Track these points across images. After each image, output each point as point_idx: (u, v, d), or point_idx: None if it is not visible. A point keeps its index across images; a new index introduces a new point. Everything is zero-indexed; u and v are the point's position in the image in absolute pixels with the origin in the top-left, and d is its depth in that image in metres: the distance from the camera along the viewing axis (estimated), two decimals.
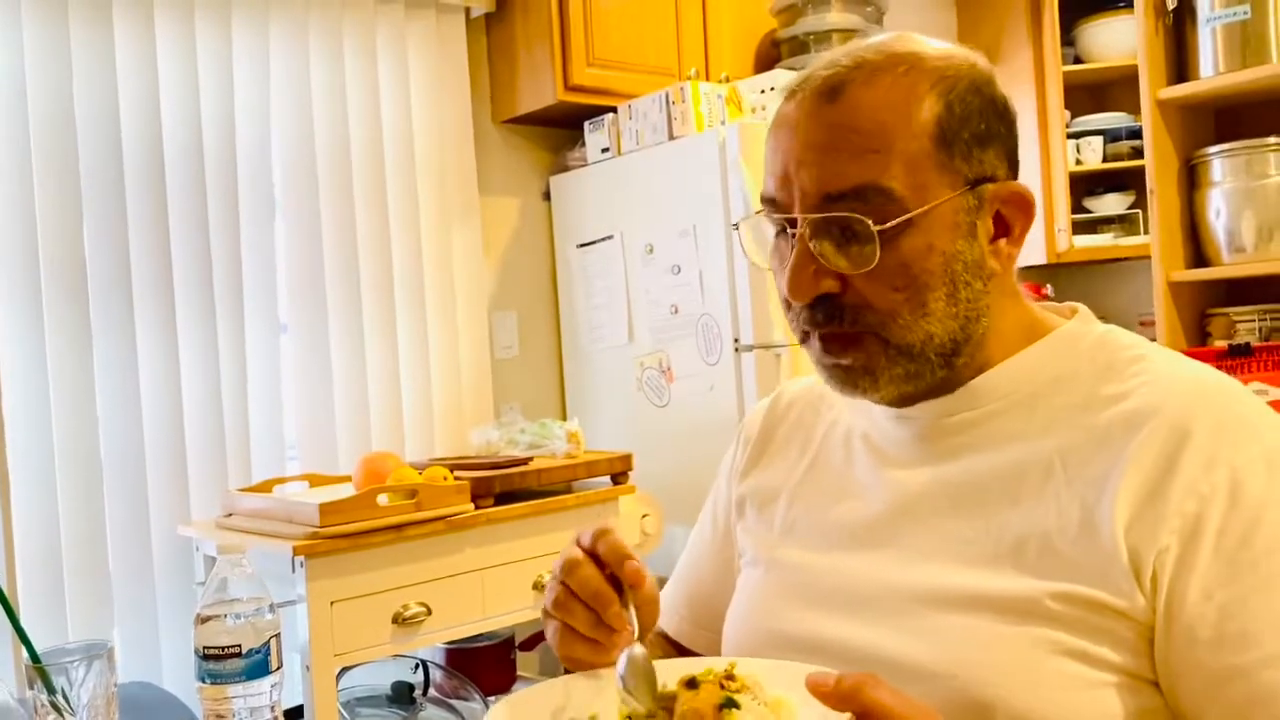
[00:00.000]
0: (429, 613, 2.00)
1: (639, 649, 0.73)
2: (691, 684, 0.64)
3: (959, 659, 0.74)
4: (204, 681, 1.05)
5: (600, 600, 0.76)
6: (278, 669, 1.07)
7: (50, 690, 1.10)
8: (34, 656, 1.09)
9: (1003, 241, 0.82)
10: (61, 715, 1.11)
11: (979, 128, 0.79)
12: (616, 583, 0.77)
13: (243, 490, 2.16)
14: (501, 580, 2.11)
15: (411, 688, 2.20)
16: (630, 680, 0.70)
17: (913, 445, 0.85)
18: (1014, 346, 0.84)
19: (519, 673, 2.43)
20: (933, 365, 0.80)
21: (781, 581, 0.87)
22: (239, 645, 1.04)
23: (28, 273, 2.08)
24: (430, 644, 2.15)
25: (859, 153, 0.76)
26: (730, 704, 0.62)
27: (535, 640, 2.51)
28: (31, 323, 2.08)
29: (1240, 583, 0.70)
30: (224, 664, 1.04)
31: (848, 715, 0.60)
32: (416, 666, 2.24)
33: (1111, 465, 0.74)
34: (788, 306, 0.82)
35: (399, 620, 1.97)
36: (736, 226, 0.86)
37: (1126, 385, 0.78)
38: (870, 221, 0.75)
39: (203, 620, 1.05)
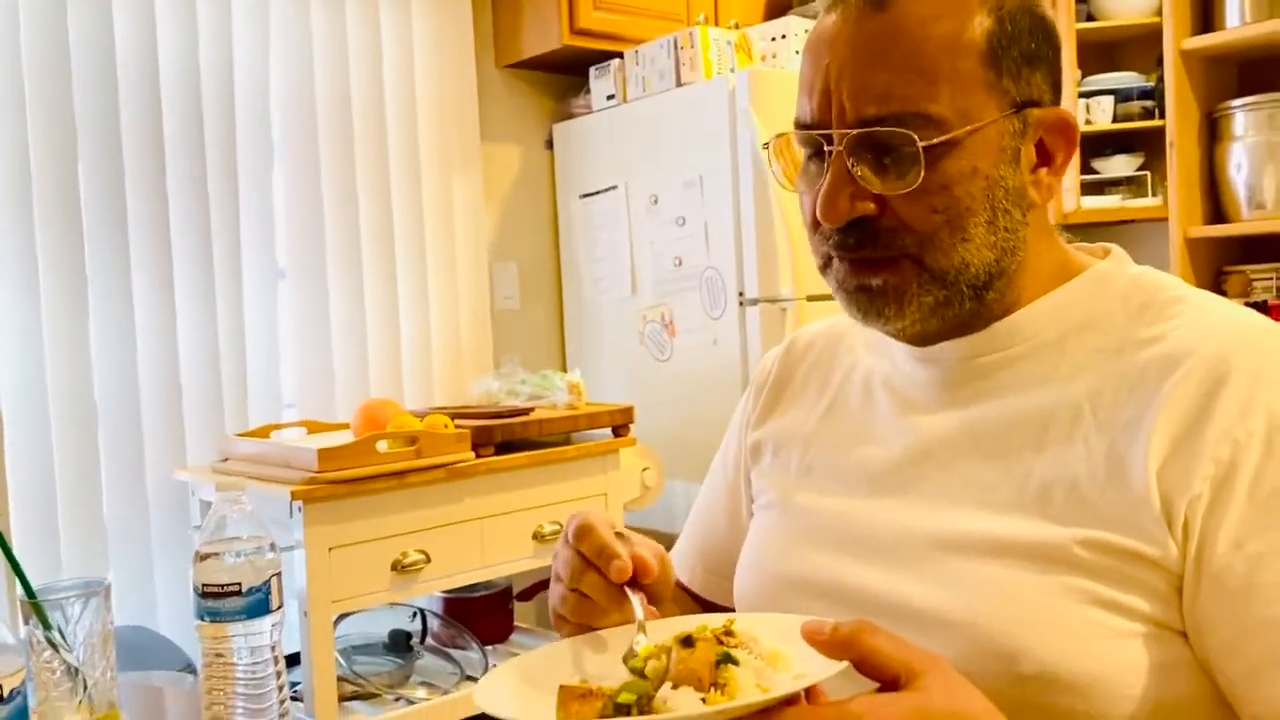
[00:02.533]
0: (428, 560, 1.98)
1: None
2: (687, 642, 0.62)
3: (981, 607, 0.71)
4: (203, 620, 1.02)
5: (601, 556, 0.75)
6: (278, 608, 1.04)
7: (46, 626, 1.07)
8: (29, 592, 1.07)
9: (1044, 171, 0.78)
10: (58, 651, 1.08)
11: (1029, 47, 0.75)
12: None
13: (240, 435, 2.14)
14: (501, 530, 2.09)
15: (409, 636, 2.19)
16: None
17: (936, 389, 0.82)
18: (1045, 285, 0.80)
19: (516, 623, 2.42)
20: (963, 296, 0.76)
21: (797, 525, 0.84)
22: (239, 583, 1.01)
23: (22, 217, 2.03)
24: (429, 592, 2.14)
25: (905, 70, 0.72)
26: (727, 659, 0.60)
27: (533, 591, 2.50)
28: (26, 267, 2.04)
29: (1273, 533, 0.67)
30: (223, 602, 1.01)
31: (845, 663, 0.58)
32: (414, 615, 2.23)
33: (1144, 409, 0.72)
34: (814, 230, 0.79)
35: (398, 568, 1.95)
36: (766, 146, 0.82)
37: (1162, 328, 0.75)
38: (917, 138, 0.72)
39: (201, 558, 1.03)
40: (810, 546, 0.81)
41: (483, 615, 2.33)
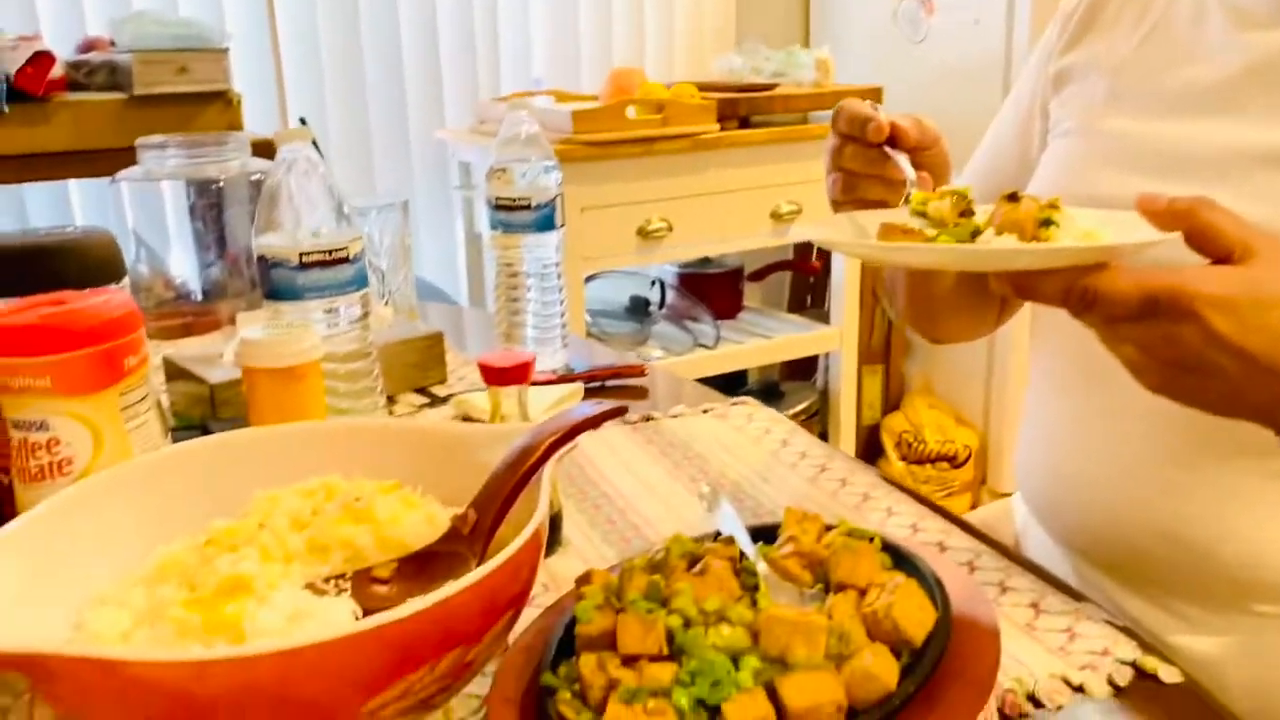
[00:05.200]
0: (670, 229, 2.05)
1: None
2: (1013, 198, 0.61)
3: None
4: (496, 230, 1.11)
5: (856, 123, 0.74)
6: (561, 226, 1.12)
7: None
8: None
9: None
10: (364, 253, 1.21)
11: None
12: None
13: (495, 100, 2.21)
14: (740, 204, 2.12)
15: (647, 302, 2.30)
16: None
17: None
18: None
19: (745, 302, 2.50)
20: None
21: (1102, 149, 0.81)
22: (528, 199, 1.08)
23: None
24: (671, 259, 2.22)
25: None
26: (1048, 222, 0.60)
27: (764, 272, 2.56)
28: None
29: None
30: (514, 215, 1.09)
31: (1176, 234, 0.56)
32: (653, 283, 2.33)
33: None
34: None
35: (642, 233, 2.03)
36: None
37: None
38: None
39: (493, 172, 1.10)
40: (1114, 169, 0.79)
41: (715, 291, 2.41)
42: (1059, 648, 0.58)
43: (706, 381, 2.31)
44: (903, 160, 0.73)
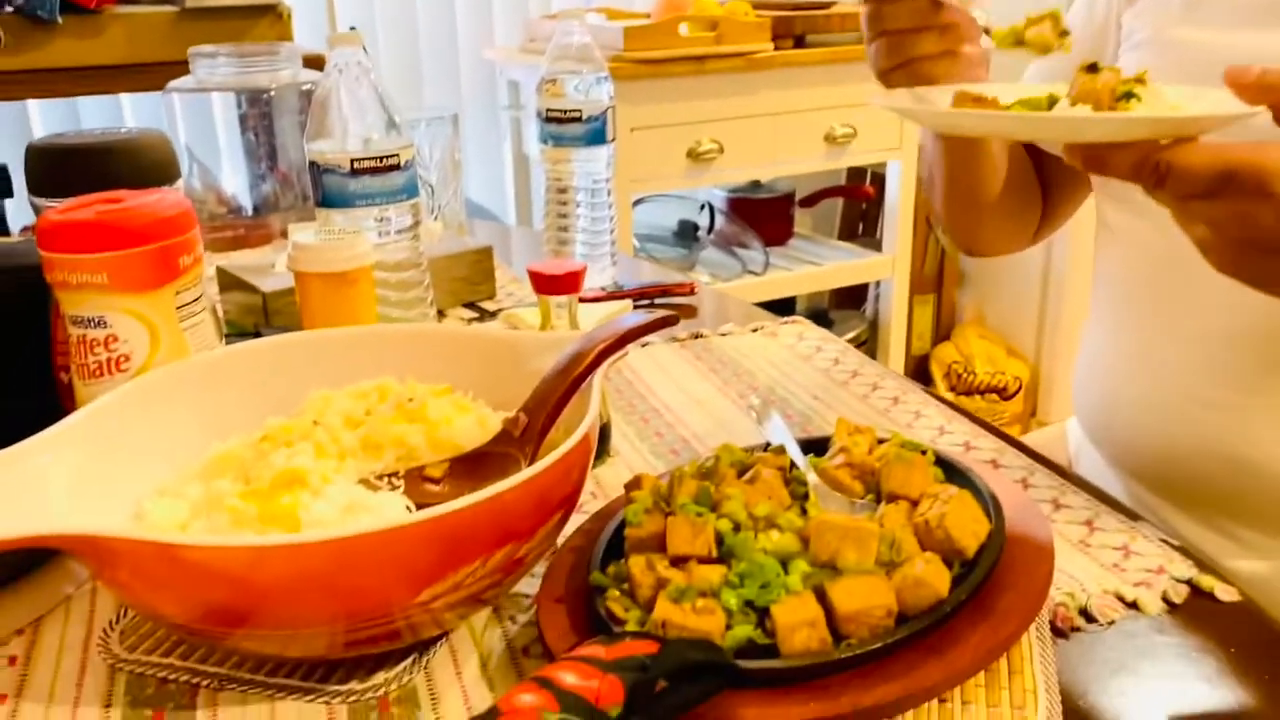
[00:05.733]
0: (721, 151, 2.01)
1: None
2: (1093, 69, 0.58)
3: None
4: (546, 144, 1.09)
5: None
6: (612, 140, 1.10)
7: None
8: None
9: None
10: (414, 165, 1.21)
11: None
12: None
13: (545, 17, 2.17)
14: (794, 127, 2.07)
15: (696, 227, 2.28)
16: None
17: None
18: None
19: (795, 229, 2.46)
20: None
21: (1174, 59, 0.78)
22: (579, 111, 1.07)
23: None
24: (720, 182, 2.19)
25: None
26: (1129, 95, 0.57)
27: (814, 199, 2.52)
28: None
29: None
30: (565, 128, 1.08)
31: (1261, 108, 0.53)
32: (702, 207, 2.30)
33: None
34: None
35: (692, 155, 2.00)
36: None
37: None
38: None
39: (544, 83, 1.08)
40: (1186, 80, 0.75)
41: (765, 217, 2.37)
42: (1113, 564, 0.57)
43: None
44: None
